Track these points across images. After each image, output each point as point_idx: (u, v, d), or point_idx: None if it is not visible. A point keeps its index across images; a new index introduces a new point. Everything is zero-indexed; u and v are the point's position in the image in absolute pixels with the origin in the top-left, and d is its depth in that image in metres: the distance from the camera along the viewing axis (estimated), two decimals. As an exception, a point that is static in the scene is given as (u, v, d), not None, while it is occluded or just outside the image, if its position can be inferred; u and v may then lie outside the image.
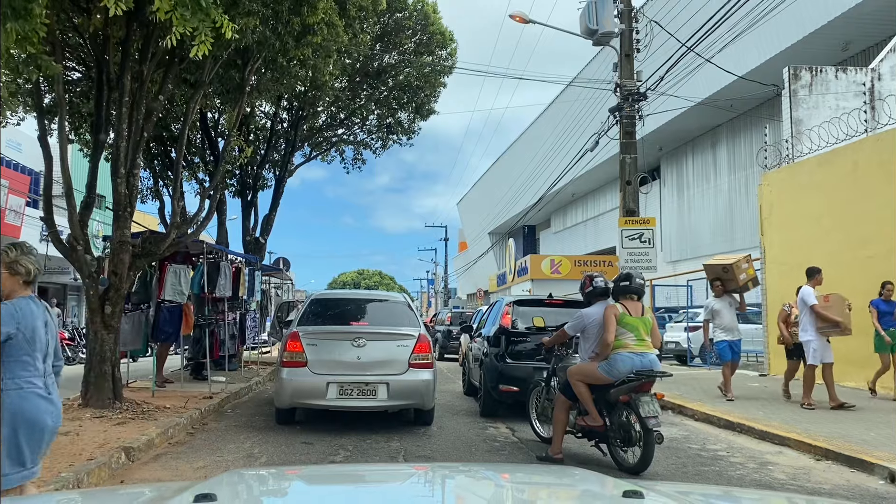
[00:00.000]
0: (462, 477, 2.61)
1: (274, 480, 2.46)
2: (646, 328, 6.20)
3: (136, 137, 7.66)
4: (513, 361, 8.84)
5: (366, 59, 15.17)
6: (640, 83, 14.04)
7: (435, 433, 8.05)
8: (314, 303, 8.73)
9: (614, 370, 6.07)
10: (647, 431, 5.87)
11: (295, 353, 7.68)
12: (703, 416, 9.50)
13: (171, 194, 8.98)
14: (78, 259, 7.45)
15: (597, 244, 36.01)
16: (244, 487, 2.24)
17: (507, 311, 9.26)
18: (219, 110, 14.45)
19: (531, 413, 7.61)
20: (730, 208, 25.58)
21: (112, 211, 7.57)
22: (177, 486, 2.09)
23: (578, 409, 6.50)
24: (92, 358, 7.71)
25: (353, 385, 7.61)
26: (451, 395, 11.77)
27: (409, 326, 8.17)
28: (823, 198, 12.80)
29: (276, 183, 17.09)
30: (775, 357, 14.17)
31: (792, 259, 13.70)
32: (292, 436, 7.69)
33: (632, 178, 13.99)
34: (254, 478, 2.51)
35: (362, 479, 2.56)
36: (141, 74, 7.71)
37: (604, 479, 2.32)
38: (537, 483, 2.46)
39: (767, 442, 7.89)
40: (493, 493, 2.28)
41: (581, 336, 6.50)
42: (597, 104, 22.52)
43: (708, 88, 21.28)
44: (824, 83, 15.09)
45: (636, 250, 13.57)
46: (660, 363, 6.29)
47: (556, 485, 2.39)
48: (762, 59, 19.78)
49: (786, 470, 6.53)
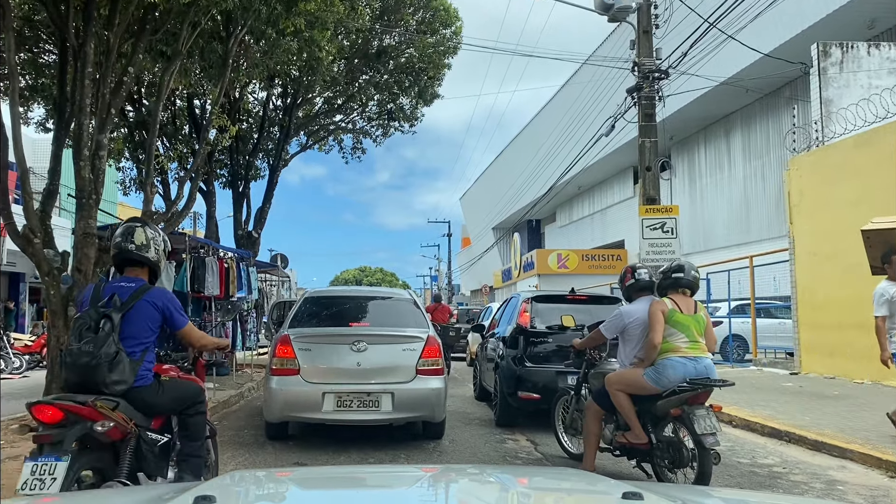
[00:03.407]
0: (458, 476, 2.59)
1: (275, 483, 2.40)
2: (699, 328, 5.23)
3: (103, 115, 6.70)
4: (533, 365, 7.86)
5: (365, 39, 14.14)
6: (659, 61, 13.05)
7: (447, 448, 7.08)
8: (308, 301, 7.74)
9: (663, 378, 5.10)
10: (704, 451, 4.90)
11: (285, 360, 6.70)
12: (742, 423, 8.54)
13: (144, 178, 8.02)
14: (35, 254, 6.48)
15: (604, 238, 34.98)
16: (244, 489, 2.19)
17: (524, 309, 8.26)
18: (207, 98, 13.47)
19: (557, 426, 6.64)
20: (745, 198, 24.55)
21: (74, 199, 6.60)
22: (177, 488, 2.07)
23: (616, 421, 5.53)
24: (53, 367, 6.74)
25: (352, 395, 6.63)
26: (462, 401, 10.79)
27: (415, 327, 7.18)
28: (861, 181, 11.80)
29: (269, 173, 16.05)
30: (806, 354, 13.22)
31: (824, 248, 12.74)
32: (283, 454, 6.74)
33: (651, 164, 12.99)
34: (254, 480, 2.45)
35: (363, 482, 2.48)
36: (107, 43, 6.75)
37: (603, 480, 2.38)
38: (537, 483, 2.42)
39: (824, 454, 6.94)
40: (492, 494, 2.26)
41: (620, 338, 5.52)
42: (608, 90, 21.53)
43: (726, 70, 20.19)
44: (856, 60, 14.09)
45: (658, 241, 12.59)
46: (716, 370, 5.31)
47: (556, 485, 2.39)
48: (783, 39, 18.72)
49: (860, 491, 5.56)
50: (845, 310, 11.99)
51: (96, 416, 3.43)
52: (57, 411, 3.41)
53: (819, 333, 12.77)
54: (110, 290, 3.79)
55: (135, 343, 3.74)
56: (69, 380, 3.57)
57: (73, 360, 3.53)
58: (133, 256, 3.87)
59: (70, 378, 3.56)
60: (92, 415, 3.43)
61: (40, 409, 3.44)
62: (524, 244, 40.11)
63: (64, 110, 7.13)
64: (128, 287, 3.81)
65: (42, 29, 9.95)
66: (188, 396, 4.03)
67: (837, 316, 12.16)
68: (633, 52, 13.27)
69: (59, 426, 3.42)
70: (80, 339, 3.58)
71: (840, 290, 12.17)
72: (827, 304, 12.55)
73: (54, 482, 3.27)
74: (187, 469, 3.92)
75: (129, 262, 3.92)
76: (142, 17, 7.02)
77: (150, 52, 8.10)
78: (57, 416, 3.42)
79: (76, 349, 3.54)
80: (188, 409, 4.00)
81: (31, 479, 3.27)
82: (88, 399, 3.45)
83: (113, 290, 3.79)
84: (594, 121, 21.40)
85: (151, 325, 3.83)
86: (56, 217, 20.20)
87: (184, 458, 3.97)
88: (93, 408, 3.43)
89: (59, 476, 3.27)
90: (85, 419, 3.42)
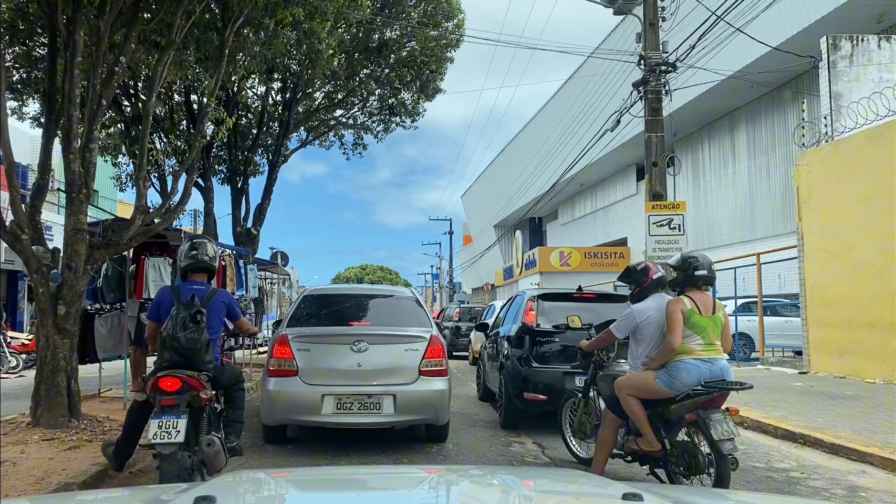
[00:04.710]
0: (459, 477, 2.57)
1: (275, 483, 2.38)
2: (716, 330, 4.96)
3: (93, 105, 6.44)
4: (539, 366, 7.60)
5: (366, 32, 13.86)
6: (666, 54, 12.78)
7: (451, 452, 6.83)
8: (307, 299, 7.48)
9: (676, 382, 4.84)
10: (721, 457, 4.65)
11: (283, 360, 6.44)
12: (754, 424, 8.30)
13: (136, 172, 7.76)
14: (23, 250, 6.23)
15: (607, 235, 34.73)
16: (245, 490, 2.18)
17: (530, 308, 8.00)
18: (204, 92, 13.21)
19: (565, 429, 6.39)
20: (749, 195, 24.29)
21: (64, 193, 6.35)
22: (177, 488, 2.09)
23: (628, 427, 5.28)
24: (43, 368, 6.49)
25: (352, 397, 6.38)
26: (465, 401, 10.54)
27: (418, 326, 6.92)
28: (874, 177, 11.53)
29: (269, 169, 15.76)
30: (815, 352, 12.97)
31: (835, 246, 12.48)
32: (281, 458, 6.50)
33: (658, 159, 12.74)
34: (255, 480, 2.44)
35: (364, 483, 2.45)
36: (98, 31, 6.49)
37: (603, 481, 2.40)
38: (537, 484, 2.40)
39: (842, 457, 6.69)
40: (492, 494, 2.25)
41: (632, 338, 5.26)
42: (612, 86, 21.27)
43: (733, 65, 19.91)
44: (866, 53, 13.81)
45: (665, 238, 12.36)
46: (732, 371, 5.06)
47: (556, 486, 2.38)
48: (789, 34, 18.46)
49: (884, 498, 5.32)
50: (856, 308, 11.75)
51: (199, 387, 4.45)
52: (177, 381, 4.38)
53: (828, 332, 12.52)
54: (189, 292, 4.81)
55: (213, 332, 4.77)
56: (173, 360, 4.46)
57: (182, 345, 4.45)
58: (205, 265, 5.01)
59: (174, 359, 4.46)
60: (197, 385, 4.44)
61: (165, 379, 4.38)
62: (526, 242, 39.81)
63: (54, 102, 6.87)
64: (201, 289, 4.91)
65: (36, 21, 9.70)
66: (236, 375, 5.25)
67: (847, 314, 11.91)
68: (639, 46, 13.01)
69: (176, 393, 4.37)
70: (184, 328, 4.48)
71: (850, 287, 11.93)
72: (837, 301, 12.30)
73: (178, 433, 4.25)
74: (232, 432, 5.06)
75: (197, 269, 5.01)
76: (134, 5, 6.76)
77: (144, 42, 7.84)
78: (176, 384, 4.38)
79: (183, 337, 4.45)
80: (234, 385, 5.15)
81: (160, 432, 4.24)
82: (194, 374, 4.47)
83: (192, 292, 4.81)
84: (598, 117, 21.15)
85: (221, 318, 5.01)
86: (55, 213, 19.98)
87: (229, 423, 5.08)
88: (199, 380, 4.46)
89: (181, 429, 4.27)
90: (192, 388, 4.42)
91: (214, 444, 4.48)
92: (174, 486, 2.31)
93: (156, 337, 4.80)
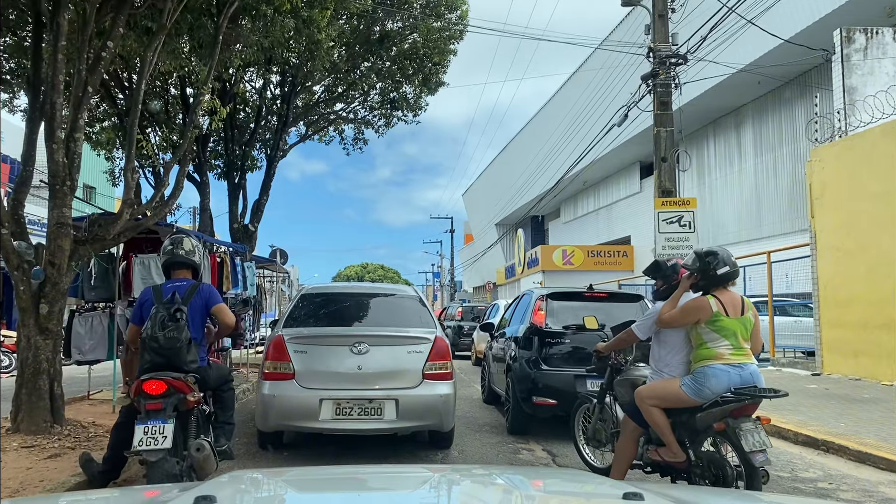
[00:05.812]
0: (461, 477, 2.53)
1: (275, 483, 2.34)
2: (745, 332, 4.59)
3: (79, 93, 6.07)
4: (549, 368, 7.23)
5: (367, 23, 13.48)
6: (676, 46, 12.42)
7: (455, 459, 6.47)
8: (304, 299, 7.10)
9: (704, 389, 4.47)
10: (753, 469, 4.29)
11: (279, 363, 6.07)
12: (772, 430, 7.89)
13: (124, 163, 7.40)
14: (4, 245, 5.86)
15: (610, 234, 34.34)
16: (245, 490, 2.17)
17: (539, 307, 7.62)
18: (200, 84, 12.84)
19: (578, 437, 6.01)
20: (756, 193, 23.92)
21: (47, 185, 5.99)
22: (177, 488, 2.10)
23: (649, 435, 4.92)
24: (24, 370, 6.13)
25: (352, 402, 6.01)
26: (470, 404, 10.18)
27: (422, 327, 6.55)
28: (888, 173, 11.18)
29: (267, 164, 15.38)
30: (829, 354, 12.61)
31: (849, 244, 12.12)
32: (276, 465, 6.13)
33: (667, 154, 12.39)
34: (255, 480, 2.41)
35: (365, 482, 2.39)
36: (84, 14, 6.13)
37: (605, 481, 2.50)
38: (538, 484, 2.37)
39: (870, 466, 6.34)
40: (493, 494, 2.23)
41: (654, 340, 4.88)
42: (618, 81, 20.90)
43: (742, 58, 19.51)
44: (880, 46, 13.45)
45: (675, 235, 11.99)
46: (762, 377, 4.69)
47: (557, 486, 2.38)
48: (799, 27, 18.09)
49: (923, 513, 4.96)
50: (871, 308, 11.40)
51: (186, 389, 4.26)
52: (162, 384, 4.19)
53: (842, 332, 12.16)
54: (171, 290, 4.64)
55: (195, 330, 4.60)
56: (154, 361, 4.27)
57: (161, 345, 4.25)
58: (183, 260, 4.86)
59: (156, 360, 4.27)
60: (183, 388, 4.25)
61: (150, 383, 4.19)
62: (528, 240, 39.45)
63: (38, 89, 6.51)
64: (182, 285, 4.74)
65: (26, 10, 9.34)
66: (224, 375, 5.04)
67: (863, 314, 11.56)
68: (648, 38, 12.65)
69: (161, 397, 4.18)
70: (163, 328, 4.29)
71: (865, 286, 11.58)
72: (851, 301, 11.94)
73: (165, 439, 4.07)
74: (222, 434, 4.80)
75: (177, 266, 4.88)
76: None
77: (135, 28, 7.47)
78: (162, 387, 4.19)
79: (162, 336, 4.26)
80: (223, 385, 4.93)
81: (146, 438, 4.06)
82: (180, 375, 4.28)
83: (173, 289, 4.64)
84: (602, 114, 20.79)
85: (204, 315, 4.79)
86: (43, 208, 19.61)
87: (219, 425, 4.85)
88: (185, 382, 4.28)
89: (168, 434, 4.08)
90: (179, 391, 4.23)
91: (204, 448, 4.24)
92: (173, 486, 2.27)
93: (136, 340, 4.63)
